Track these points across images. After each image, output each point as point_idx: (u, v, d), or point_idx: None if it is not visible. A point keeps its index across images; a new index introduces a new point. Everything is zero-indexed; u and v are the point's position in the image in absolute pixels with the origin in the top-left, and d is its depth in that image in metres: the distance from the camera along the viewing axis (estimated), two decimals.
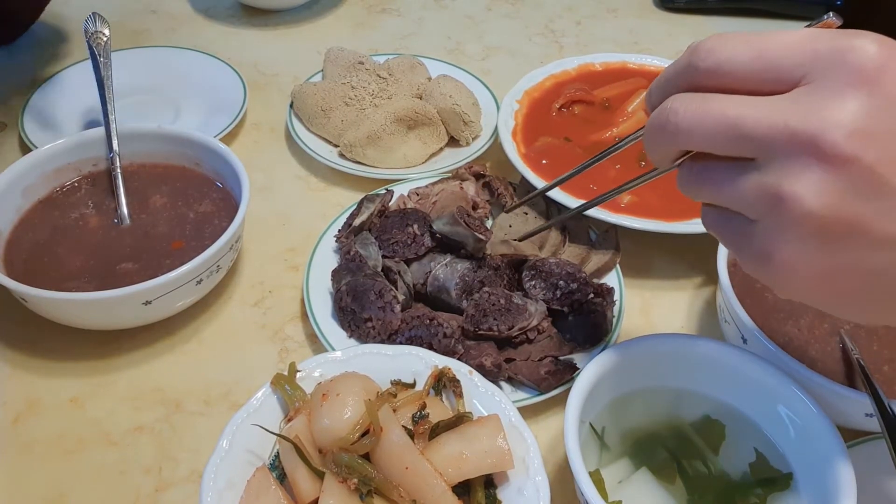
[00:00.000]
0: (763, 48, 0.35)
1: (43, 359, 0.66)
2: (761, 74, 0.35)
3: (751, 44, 0.35)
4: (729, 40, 0.36)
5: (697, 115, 0.36)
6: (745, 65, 0.35)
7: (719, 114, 0.35)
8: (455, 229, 0.67)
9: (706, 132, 0.36)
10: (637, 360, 0.55)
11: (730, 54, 0.35)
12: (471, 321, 0.63)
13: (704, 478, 0.52)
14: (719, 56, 0.36)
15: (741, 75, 0.35)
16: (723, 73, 0.36)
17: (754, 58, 0.35)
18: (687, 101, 0.37)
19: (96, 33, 0.83)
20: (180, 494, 0.57)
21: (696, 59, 0.37)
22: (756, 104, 0.34)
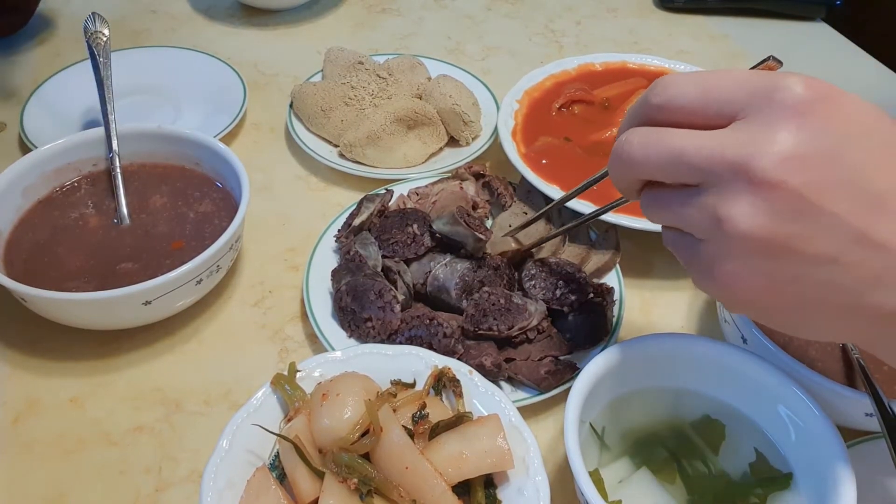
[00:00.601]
0: (707, 87, 0.39)
1: (43, 359, 0.66)
2: (705, 110, 0.39)
3: (698, 83, 0.39)
4: (680, 79, 0.40)
5: (647, 146, 0.40)
6: (692, 101, 0.39)
7: (666, 145, 0.39)
8: (455, 229, 0.67)
9: (655, 162, 0.40)
10: (637, 360, 0.55)
11: (679, 91, 0.40)
12: (471, 321, 0.63)
13: (704, 478, 0.52)
14: (670, 93, 0.40)
15: (688, 110, 0.39)
16: (673, 109, 0.40)
17: (699, 95, 0.39)
18: (639, 134, 0.41)
19: (96, 33, 0.83)
20: (180, 494, 0.57)
21: (651, 96, 0.41)
22: (698, 136, 0.38)
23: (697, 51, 1.17)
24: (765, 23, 1.24)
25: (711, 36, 1.21)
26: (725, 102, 0.38)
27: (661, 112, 0.41)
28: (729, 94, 0.38)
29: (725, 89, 0.38)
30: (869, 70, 1.14)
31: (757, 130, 0.36)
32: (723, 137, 0.37)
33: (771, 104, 0.36)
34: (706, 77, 0.39)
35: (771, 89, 0.37)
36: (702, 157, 0.38)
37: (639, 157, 0.41)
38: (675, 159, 0.39)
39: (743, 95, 0.38)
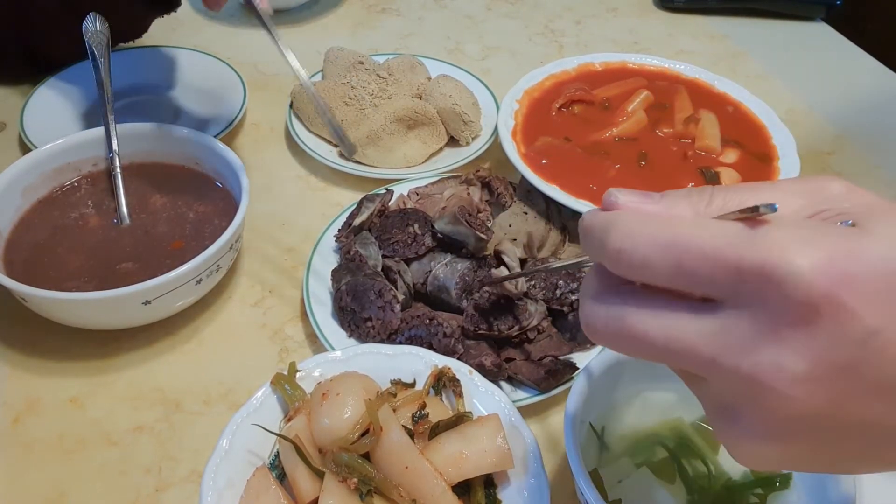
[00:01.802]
0: (681, 258, 0.29)
1: (43, 359, 0.66)
2: (684, 285, 0.30)
3: (666, 247, 0.30)
4: (640, 237, 0.30)
5: (620, 336, 0.32)
6: (664, 274, 0.30)
7: (642, 337, 0.31)
8: (457, 228, 0.68)
9: (636, 353, 0.32)
10: (637, 360, 0.55)
11: (644, 260, 0.30)
12: (471, 321, 0.63)
13: (704, 477, 0.52)
14: (632, 260, 0.31)
15: (662, 281, 0.31)
16: (641, 277, 0.31)
17: (672, 271, 0.30)
18: (605, 318, 0.33)
19: (96, 33, 0.83)
20: (180, 494, 0.57)
21: (607, 258, 0.32)
22: (683, 326, 0.30)
23: (697, 51, 1.17)
24: (765, 23, 1.24)
25: (711, 36, 1.21)
26: (709, 283, 0.29)
27: (616, 267, 0.32)
28: (712, 277, 0.29)
29: (706, 269, 0.29)
30: (869, 70, 1.14)
31: (758, 335, 0.28)
32: (714, 337, 0.29)
33: (769, 300, 0.28)
34: (675, 240, 0.30)
35: (767, 279, 0.27)
36: (695, 361, 0.30)
37: (615, 347, 0.33)
38: (657, 354, 0.31)
39: (731, 281, 0.28)
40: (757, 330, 0.28)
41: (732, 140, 0.85)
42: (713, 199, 0.32)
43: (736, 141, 0.85)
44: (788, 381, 0.28)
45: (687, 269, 0.29)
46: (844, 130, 1.00)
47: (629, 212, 0.33)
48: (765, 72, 1.12)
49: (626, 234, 0.31)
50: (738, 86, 0.94)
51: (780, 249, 0.27)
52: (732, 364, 0.29)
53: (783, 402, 0.28)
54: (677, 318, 0.30)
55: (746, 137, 0.87)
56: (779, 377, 0.28)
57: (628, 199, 0.34)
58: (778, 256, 0.27)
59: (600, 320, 0.33)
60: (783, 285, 0.27)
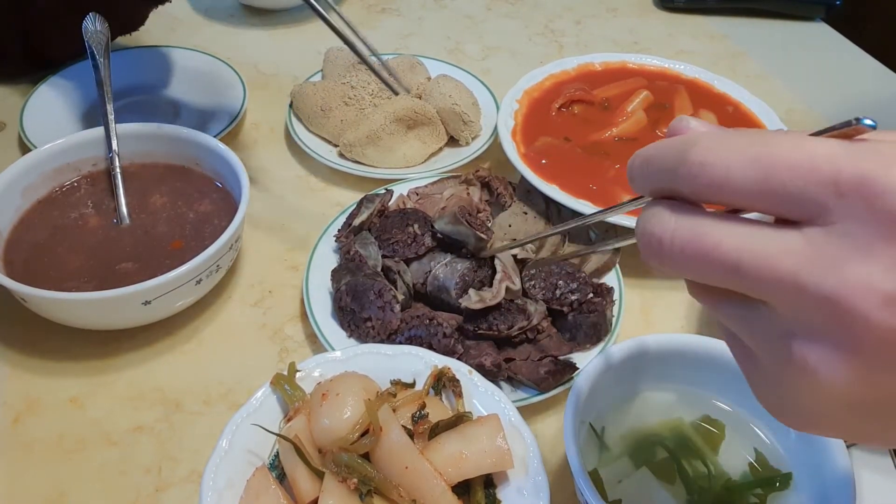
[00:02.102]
0: (770, 168, 0.27)
1: (43, 359, 0.66)
2: (767, 203, 0.28)
3: (755, 159, 0.28)
4: (726, 151, 0.29)
5: (688, 249, 0.30)
6: (748, 189, 0.28)
7: (714, 250, 0.29)
8: (457, 228, 0.67)
9: (700, 271, 0.30)
10: (637, 360, 0.55)
11: (728, 172, 0.28)
12: (471, 321, 0.63)
13: (704, 478, 0.52)
14: (715, 173, 0.29)
15: (743, 199, 0.29)
16: (719, 194, 0.29)
17: (759, 181, 0.28)
18: (673, 228, 0.30)
19: (96, 33, 0.83)
20: (180, 494, 0.57)
21: (687, 172, 0.29)
22: (760, 241, 0.28)
23: (697, 51, 1.17)
24: (764, 23, 1.24)
25: (711, 36, 1.21)
26: (797, 199, 0.27)
27: (702, 195, 0.30)
28: (803, 188, 0.27)
29: (797, 179, 0.27)
30: (869, 70, 1.14)
31: (848, 251, 0.26)
32: (797, 252, 0.27)
33: (865, 214, 0.26)
34: (766, 151, 0.28)
35: (868, 192, 0.26)
36: (767, 275, 0.27)
37: (677, 262, 0.30)
38: (729, 273, 0.29)
39: (824, 194, 0.26)
40: (847, 244, 0.26)
41: None
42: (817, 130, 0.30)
43: None
44: (879, 301, 0.26)
45: (776, 183, 0.27)
46: None
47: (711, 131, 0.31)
48: (764, 72, 1.12)
49: (711, 147, 0.29)
50: (737, 86, 0.94)
51: (883, 161, 0.26)
52: (815, 280, 0.26)
53: (870, 324, 0.26)
54: (757, 230, 0.28)
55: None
56: (868, 295, 0.26)
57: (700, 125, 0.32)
58: (880, 169, 0.26)
59: (667, 234, 0.30)
60: (884, 198, 0.25)
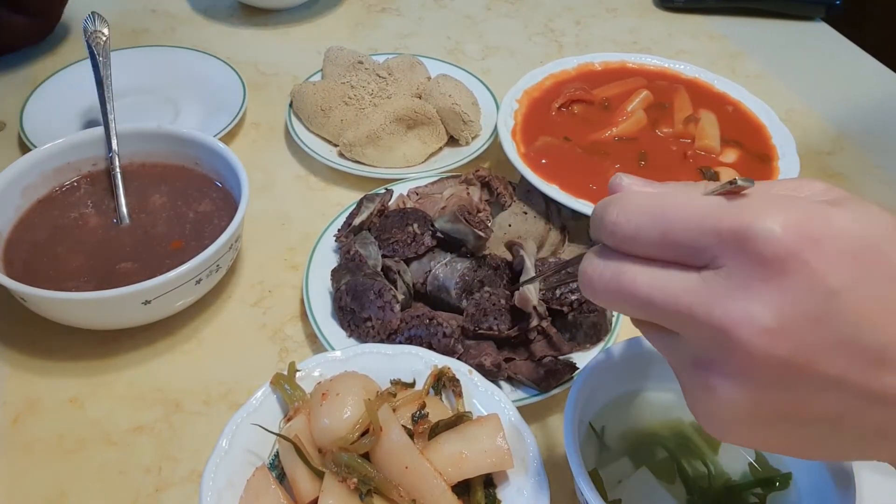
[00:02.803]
0: (667, 227, 0.33)
1: (43, 359, 0.66)
2: (670, 253, 0.34)
3: (655, 219, 0.34)
4: (634, 212, 0.34)
5: (610, 286, 0.36)
6: (653, 243, 0.34)
7: (630, 286, 0.35)
8: (456, 226, 0.68)
9: (622, 304, 0.36)
10: (637, 360, 0.55)
11: (634, 232, 0.34)
12: (470, 321, 0.63)
13: (704, 477, 0.52)
14: (626, 231, 0.35)
15: (651, 251, 0.34)
16: (632, 247, 0.35)
17: (660, 238, 0.34)
18: (600, 270, 0.36)
19: (95, 33, 0.83)
20: (180, 494, 0.57)
21: (605, 236, 0.36)
22: (667, 279, 0.33)
23: (697, 50, 1.17)
24: (764, 23, 1.24)
25: (711, 36, 1.21)
26: (690, 249, 0.33)
27: (613, 239, 0.35)
28: (693, 239, 0.32)
29: (689, 234, 0.33)
30: (869, 70, 1.14)
31: (732, 289, 0.31)
32: (694, 289, 0.32)
33: (743, 257, 0.31)
34: (664, 211, 0.33)
35: (742, 238, 0.31)
36: (674, 310, 0.33)
37: (603, 297, 0.37)
38: (643, 306, 0.34)
39: (710, 243, 0.32)
40: (731, 284, 0.31)
41: (732, 140, 0.86)
42: (707, 188, 0.35)
43: (735, 141, 0.86)
44: (755, 330, 0.30)
45: (673, 237, 0.33)
46: (844, 130, 1.00)
47: (629, 192, 0.37)
48: (764, 71, 1.12)
49: (622, 207, 0.35)
50: (737, 85, 0.94)
51: (754, 212, 0.31)
52: (705, 313, 0.32)
53: (750, 350, 0.31)
54: (665, 272, 0.34)
55: (746, 137, 0.87)
56: (746, 326, 0.30)
57: (631, 182, 0.37)
58: (752, 218, 0.31)
59: (596, 273, 0.36)
60: (755, 242, 0.30)
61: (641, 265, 0.35)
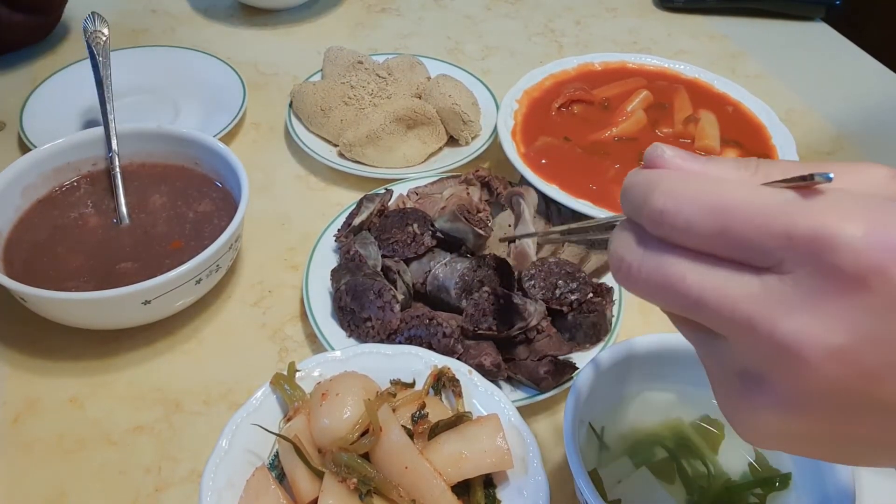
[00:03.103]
0: (727, 220, 0.29)
1: (43, 358, 0.66)
2: (727, 250, 0.29)
3: (713, 210, 0.29)
4: (685, 198, 0.30)
5: (653, 279, 0.31)
6: (708, 238, 0.29)
7: (678, 283, 0.30)
8: (455, 225, 0.68)
9: (666, 301, 0.32)
10: (637, 360, 0.55)
11: (687, 222, 0.29)
12: (470, 321, 0.63)
13: (704, 477, 0.52)
14: (675, 222, 0.30)
15: (704, 246, 0.30)
16: (681, 239, 0.30)
17: (717, 232, 0.29)
18: (640, 259, 0.32)
19: (95, 32, 0.83)
20: (180, 494, 0.57)
21: (649, 217, 0.31)
22: (722, 280, 0.29)
23: (697, 51, 1.17)
24: (764, 23, 1.24)
25: (711, 36, 1.21)
26: (754, 250, 0.28)
27: (657, 229, 0.31)
28: (758, 239, 0.28)
29: (753, 231, 0.28)
30: (869, 70, 1.14)
31: (800, 302, 0.27)
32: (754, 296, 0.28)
33: (817, 267, 0.27)
34: (723, 201, 0.29)
35: (819, 246, 0.27)
36: (728, 316, 0.29)
37: (642, 289, 0.32)
38: (693, 307, 0.30)
39: (778, 246, 0.27)
40: (800, 295, 0.27)
41: (732, 140, 0.86)
42: (759, 169, 0.31)
43: (735, 141, 0.86)
44: (825, 353, 0.27)
45: (733, 235, 0.28)
46: (844, 130, 1.00)
47: (674, 171, 0.32)
48: (764, 72, 1.12)
49: (671, 193, 0.30)
50: (737, 86, 0.94)
51: (834, 217, 0.27)
52: (768, 326, 0.28)
53: (813, 372, 0.27)
54: (719, 270, 0.29)
55: (746, 137, 0.87)
56: (813, 345, 0.27)
57: (674, 155, 0.33)
58: (832, 224, 0.26)
59: (636, 262, 0.32)
60: (834, 253, 0.26)
61: (691, 260, 0.30)
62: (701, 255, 0.30)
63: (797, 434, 0.30)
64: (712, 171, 0.32)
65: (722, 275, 0.29)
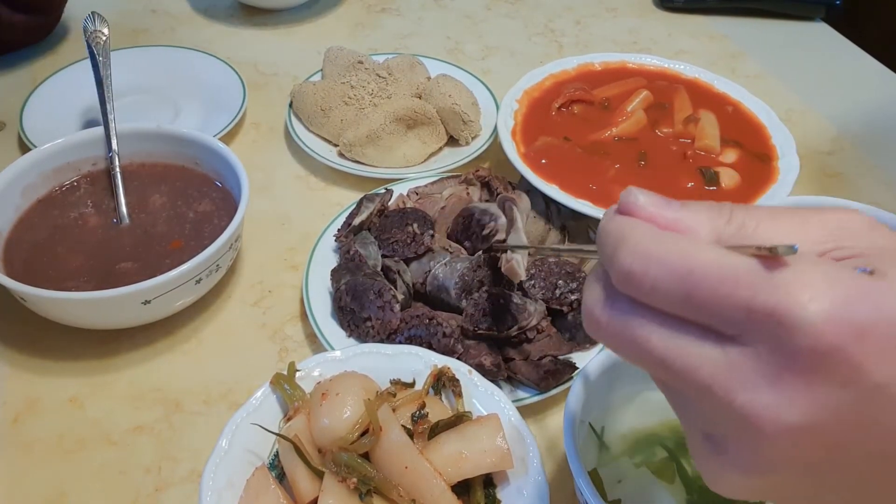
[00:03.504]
0: (692, 287, 0.28)
1: (42, 358, 0.66)
2: (691, 316, 0.29)
3: (678, 275, 0.29)
4: (650, 262, 0.29)
5: (620, 338, 0.31)
6: (672, 303, 0.29)
7: (644, 343, 0.30)
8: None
9: (632, 358, 0.32)
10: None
11: (651, 287, 0.29)
12: (470, 320, 0.63)
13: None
14: (640, 284, 0.30)
15: (669, 309, 0.30)
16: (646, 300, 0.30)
17: (682, 298, 0.29)
18: (608, 316, 0.32)
19: (95, 32, 0.83)
20: (180, 494, 0.57)
21: (616, 276, 0.31)
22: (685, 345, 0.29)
23: (697, 50, 1.17)
24: (764, 23, 1.24)
25: (711, 36, 1.21)
26: (715, 318, 0.28)
27: (624, 287, 0.31)
28: (721, 309, 0.28)
29: (716, 301, 0.28)
30: (869, 70, 1.14)
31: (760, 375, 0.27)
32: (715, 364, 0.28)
33: (776, 343, 0.27)
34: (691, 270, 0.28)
35: (777, 323, 0.27)
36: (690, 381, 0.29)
37: (611, 346, 0.33)
38: (653, 364, 0.30)
39: (739, 319, 0.27)
40: (760, 369, 0.27)
41: (732, 140, 0.85)
42: (733, 217, 0.31)
43: (735, 141, 0.85)
44: (780, 428, 0.27)
45: (698, 302, 0.28)
46: (844, 130, 1.00)
47: (644, 226, 0.31)
48: (764, 72, 1.12)
49: (638, 253, 0.30)
50: (737, 86, 0.94)
51: (793, 294, 0.26)
52: (727, 396, 0.28)
53: (770, 445, 0.28)
54: (682, 335, 0.29)
55: (746, 137, 0.87)
56: (771, 421, 0.27)
57: (647, 203, 0.32)
58: (790, 301, 0.26)
59: (604, 317, 0.32)
60: (792, 331, 0.26)
61: (656, 322, 0.30)
62: (668, 316, 0.30)
63: (766, 490, 0.31)
64: (685, 220, 0.31)
65: (685, 340, 0.29)
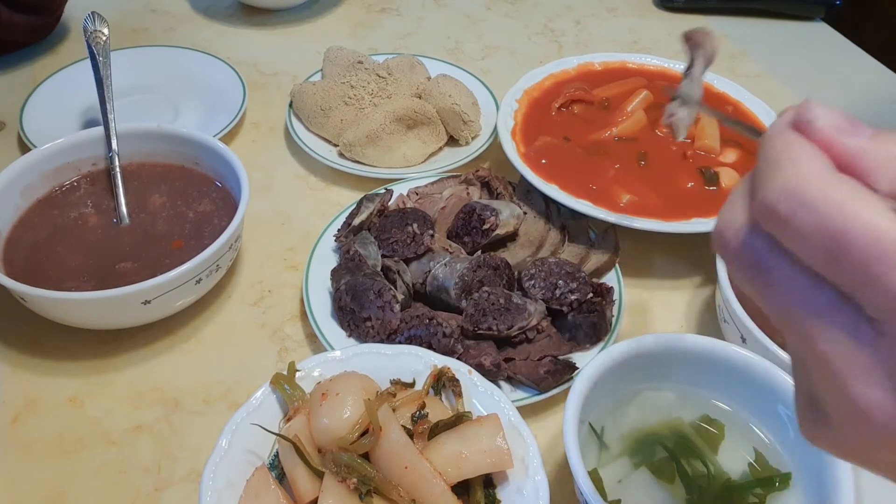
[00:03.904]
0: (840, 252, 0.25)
1: (42, 358, 0.66)
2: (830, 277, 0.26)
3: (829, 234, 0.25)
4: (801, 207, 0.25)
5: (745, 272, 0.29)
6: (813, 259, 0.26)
7: (768, 286, 0.28)
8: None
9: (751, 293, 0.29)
10: (637, 360, 0.55)
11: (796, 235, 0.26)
12: (470, 321, 0.63)
13: (704, 477, 0.52)
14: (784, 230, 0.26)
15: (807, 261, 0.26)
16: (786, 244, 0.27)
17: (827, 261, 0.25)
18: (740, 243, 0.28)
19: (95, 32, 0.83)
20: (180, 494, 0.57)
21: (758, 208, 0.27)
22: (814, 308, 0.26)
23: None
24: (764, 23, 1.24)
25: None
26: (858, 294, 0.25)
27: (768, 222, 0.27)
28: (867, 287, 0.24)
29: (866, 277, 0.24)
30: (869, 70, 1.14)
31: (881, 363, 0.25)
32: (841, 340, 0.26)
33: None
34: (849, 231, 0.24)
35: None
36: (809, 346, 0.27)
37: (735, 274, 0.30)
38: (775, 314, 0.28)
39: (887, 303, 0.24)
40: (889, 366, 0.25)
41: (732, 140, 0.85)
42: None
43: (735, 140, 0.85)
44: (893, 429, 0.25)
45: (842, 269, 0.25)
46: None
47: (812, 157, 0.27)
48: (764, 71, 1.12)
49: (791, 192, 0.26)
50: (737, 85, 0.94)
51: None
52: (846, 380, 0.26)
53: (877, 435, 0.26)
54: (815, 296, 0.26)
55: (746, 137, 0.86)
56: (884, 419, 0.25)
57: (827, 125, 0.29)
58: None
59: (734, 242, 0.29)
60: None
61: (790, 271, 0.27)
62: (805, 269, 0.27)
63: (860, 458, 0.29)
64: (868, 158, 0.27)
65: (817, 303, 0.26)
